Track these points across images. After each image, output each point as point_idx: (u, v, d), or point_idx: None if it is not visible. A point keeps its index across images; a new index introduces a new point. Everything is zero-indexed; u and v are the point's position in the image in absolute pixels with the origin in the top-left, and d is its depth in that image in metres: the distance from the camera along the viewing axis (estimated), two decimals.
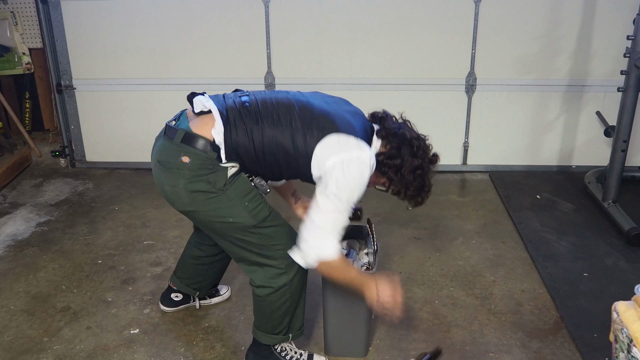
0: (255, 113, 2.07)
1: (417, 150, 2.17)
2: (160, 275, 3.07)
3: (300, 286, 2.24)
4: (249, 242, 2.14)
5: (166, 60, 4.26)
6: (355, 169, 2.01)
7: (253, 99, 2.13)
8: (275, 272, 2.18)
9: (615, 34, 3.92)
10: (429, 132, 2.30)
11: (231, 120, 2.05)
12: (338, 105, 2.20)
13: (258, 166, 2.10)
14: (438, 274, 3.08)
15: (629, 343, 1.78)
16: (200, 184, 2.04)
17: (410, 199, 2.24)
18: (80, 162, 4.56)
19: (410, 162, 2.15)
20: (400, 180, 2.17)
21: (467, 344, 2.55)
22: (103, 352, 2.51)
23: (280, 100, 2.13)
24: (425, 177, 2.22)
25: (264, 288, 2.20)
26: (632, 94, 3.40)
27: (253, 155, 2.07)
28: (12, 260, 3.23)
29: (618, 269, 3.08)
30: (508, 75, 4.16)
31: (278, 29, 4.13)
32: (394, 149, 2.16)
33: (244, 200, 2.08)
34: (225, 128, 2.03)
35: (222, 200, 2.06)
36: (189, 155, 2.03)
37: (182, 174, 2.05)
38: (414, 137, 2.19)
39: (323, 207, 2.02)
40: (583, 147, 4.31)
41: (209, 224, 2.15)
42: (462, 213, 3.75)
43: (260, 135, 2.04)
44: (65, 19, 4.21)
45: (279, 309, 2.23)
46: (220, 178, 2.04)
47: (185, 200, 2.09)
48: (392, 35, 4.10)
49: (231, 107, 2.10)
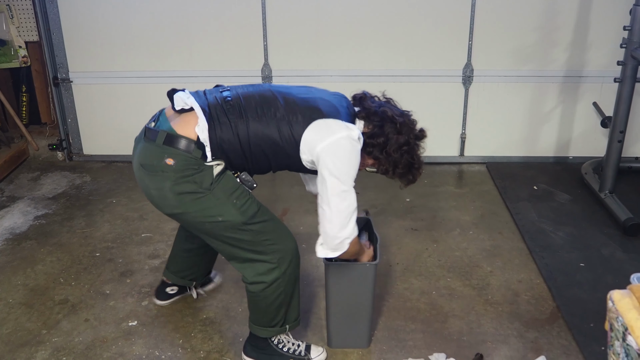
0: (239, 107, 2.07)
1: (400, 127, 2.16)
2: (158, 267, 3.08)
3: (293, 279, 2.25)
4: (240, 239, 2.14)
5: (163, 52, 4.25)
6: (347, 146, 2.04)
7: (235, 94, 2.12)
8: (267, 267, 2.18)
9: (612, 24, 3.91)
10: (426, 123, 2.31)
11: (214, 116, 2.04)
12: (319, 92, 2.22)
13: (244, 161, 2.10)
14: (435, 264, 3.09)
15: (624, 331, 1.79)
16: (187, 185, 2.03)
17: (401, 177, 2.25)
18: (77, 155, 4.56)
19: (396, 140, 2.16)
20: (387, 158, 2.18)
21: (464, 334, 2.56)
22: (101, 344, 2.52)
23: (262, 92, 2.13)
24: (413, 153, 2.21)
25: (257, 284, 2.20)
26: (628, 84, 3.40)
27: (239, 150, 2.06)
28: (10, 254, 3.23)
29: (614, 259, 3.09)
30: (505, 67, 4.16)
31: (275, 21, 4.12)
32: (376, 128, 2.17)
33: (231, 198, 2.07)
34: (209, 125, 2.02)
35: (210, 200, 2.05)
36: (173, 157, 2.01)
37: (167, 176, 2.03)
38: (397, 114, 2.19)
39: (331, 191, 2.04)
40: (580, 137, 4.31)
41: (199, 225, 2.13)
42: (459, 204, 3.75)
43: (245, 129, 2.04)
44: (62, 12, 4.19)
45: (273, 303, 2.23)
46: (207, 177, 2.04)
47: (172, 203, 2.07)
48: (389, 27, 4.10)
49: (213, 104, 2.09)
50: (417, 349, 2.46)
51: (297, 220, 3.48)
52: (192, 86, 4.38)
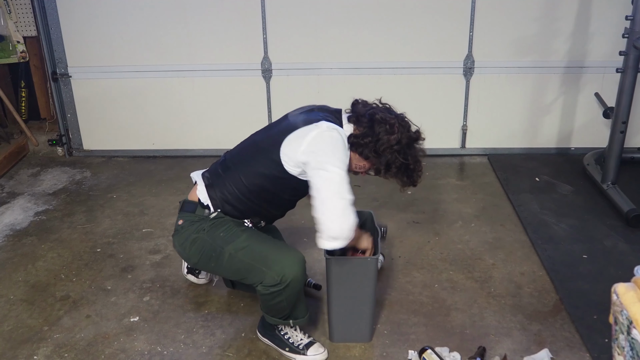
0: (230, 163, 2.36)
1: (391, 127, 2.21)
2: (159, 262, 3.07)
3: (295, 290, 2.26)
4: (240, 261, 2.27)
5: (162, 47, 4.23)
6: (327, 136, 2.17)
7: (229, 154, 2.43)
8: (271, 281, 2.21)
9: (614, 14, 3.88)
10: (427, 115, 2.30)
11: (212, 179, 2.37)
12: (298, 111, 2.37)
13: (253, 205, 2.33)
14: (437, 257, 3.08)
15: (628, 325, 1.78)
16: (190, 236, 2.33)
17: (395, 177, 2.29)
18: (77, 151, 4.55)
19: (387, 140, 2.20)
20: (378, 158, 2.23)
21: (466, 327, 2.55)
22: (103, 340, 2.52)
23: (244, 143, 2.43)
24: (406, 153, 2.24)
25: (262, 287, 2.25)
26: (630, 74, 3.38)
27: (242, 197, 2.31)
28: (10, 250, 3.22)
29: (617, 251, 3.08)
30: (506, 58, 4.14)
31: (274, 14, 4.10)
32: (366, 129, 2.24)
33: (219, 232, 2.29)
34: (208, 188, 2.36)
35: (205, 240, 2.30)
36: (183, 218, 2.37)
37: (179, 234, 2.38)
38: (388, 116, 2.24)
39: (323, 183, 2.14)
40: (582, 128, 4.29)
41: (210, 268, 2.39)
42: (461, 196, 3.74)
43: (238, 177, 2.30)
44: (60, 7, 4.17)
45: (277, 305, 2.28)
46: (203, 225, 2.32)
47: (184, 255, 2.41)
48: (389, 19, 4.07)
49: (211, 169, 2.43)
50: (420, 342, 2.45)
51: (299, 214, 3.46)
52: (190, 80, 4.42)
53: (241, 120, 4.32)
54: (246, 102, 4.33)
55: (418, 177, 2.31)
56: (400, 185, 2.32)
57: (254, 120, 4.31)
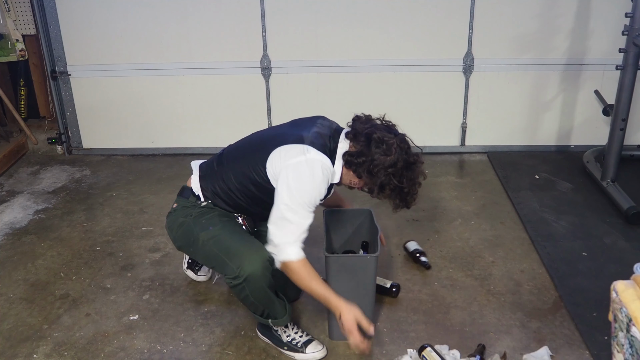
0: (224, 158, 2.41)
1: (388, 148, 2.14)
2: (158, 261, 3.07)
3: (259, 287, 2.24)
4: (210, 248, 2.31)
5: (161, 45, 4.23)
6: (305, 170, 2.15)
7: (226, 150, 2.47)
8: (232, 273, 2.22)
9: (614, 11, 3.88)
10: (427, 113, 2.30)
11: (207, 171, 2.43)
12: (299, 122, 2.39)
13: (241, 202, 2.36)
14: (437, 255, 3.08)
15: (628, 322, 1.78)
16: (179, 220, 2.40)
17: (388, 199, 2.24)
18: (76, 149, 4.54)
19: (382, 161, 2.14)
20: (372, 178, 2.18)
21: (466, 325, 2.55)
22: (103, 338, 2.52)
23: (242, 140, 2.46)
24: (402, 177, 2.17)
25: (226, 278, 2.27)
26: (630, 72, 3.38)
27: (231, 193, 2.35)
28: (10, 249, 3.22)
29: (617, 248, 3.08)
30: (506, 55, 4.13)
31: (273, 12, 4.09)
32: (361, 147, 2.19)
33: (202, 219, 2.35)
34: (200, 178, 2.42)
35: (189, 225, 2.36)
36: (177, 202, 2.46)
37: (170, 215, 2.47)
38: (387, 135, 2.17)
39: (281, 213, 2.17)
40: (581, 126, 4.29)
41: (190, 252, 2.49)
42: (461, 194, 3.74)
43: (229, 174, 2.34)
44: (59, 5, 4.16)
45: (246, 299, 2.30)
46: (192, 211, 2.39)
47: (171, 236, 2.47)
48: (388, 17, 4.07)
49: (208, 162, 2.48)
50: (419, 340, 2.45)
51: None
52: (189, 78, 4.40)
53: (240, 119, 4.32)
54: (245, 100, 4.32)
55: (412, 201, 2.25)
56: (393, 207, 2.26)
57: (253, 119, 4.32)
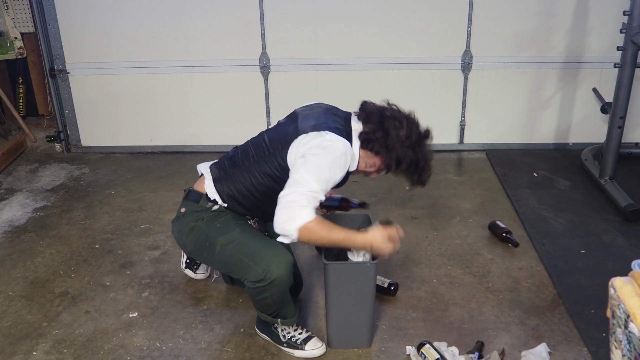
0: (239, 160, 2.38)
1: (400, 123, 2.23)
2: (157, 258, 3.07)
3: (280, 290, 2.25)
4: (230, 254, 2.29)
5: (160, 42, 4.22)
6: (327, 148, 2.16)
7: (237, 151, 2.44)
8: (255, 277, 2.22)
9: (612, 9, 3.88)
10: (425, 111, 2.31)
11: (220, 174, 2.40)
12: (308, 112, 2.37)
13: (260, 204, 2.35)
14: (436, 253, 3.08)
15: (626, 319, 1.79)
16: (189, 224, 2.37)
17: (404, 174, 2.30)
18: (75, 147, 4.54)
19: (396, 134, 2.22)
20: (389, 153, 2.24)
21: (465, 322, 2.56)
22: (102, 336, 2.52)
23: (254, 140, 2.43)
24: (416, 149, 2.25)
25: (247, 281, 2.26)
26: (628, 70, 3.39)
27: (248, 195, 2.34)
28: (9, 246, 3.22)
29: (615, 246, 3.09)
30: (504, 53, 4.14)
31: (272, 10, 4.09)
32: (375, 125, 2.25)
33: (216, 223, 2.34)
34: (215, 182, 2.39)
35: (201, 229, 2.35)
36: (185, 206, 2.42)
37: (179, 220, 2.43)
38: (397, 113, 2.28)
39: (294, 180, 2.16)
40: (579, 124, 4.29)
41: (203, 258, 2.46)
42: (459, 192, 3.74)
43: (246, 175, 2.33)
44: (57, 3, 4.15)
45: (263, 301, 2.29)
46: (203, 215, 2.36)
47: (180, 242, 2.46)
48: (387, 15, 4.07)
49: (219, 163, 2.45)
50: (418, 337, 2.46)
51: None
52: (188, 76, 4.40)
53: (239, 117, 4.32)
54: (244, 98, 4.32)
55: (427, 177, 2.32)
56: (410, 183, 2.33)
57: (252, 117, 4.32)
